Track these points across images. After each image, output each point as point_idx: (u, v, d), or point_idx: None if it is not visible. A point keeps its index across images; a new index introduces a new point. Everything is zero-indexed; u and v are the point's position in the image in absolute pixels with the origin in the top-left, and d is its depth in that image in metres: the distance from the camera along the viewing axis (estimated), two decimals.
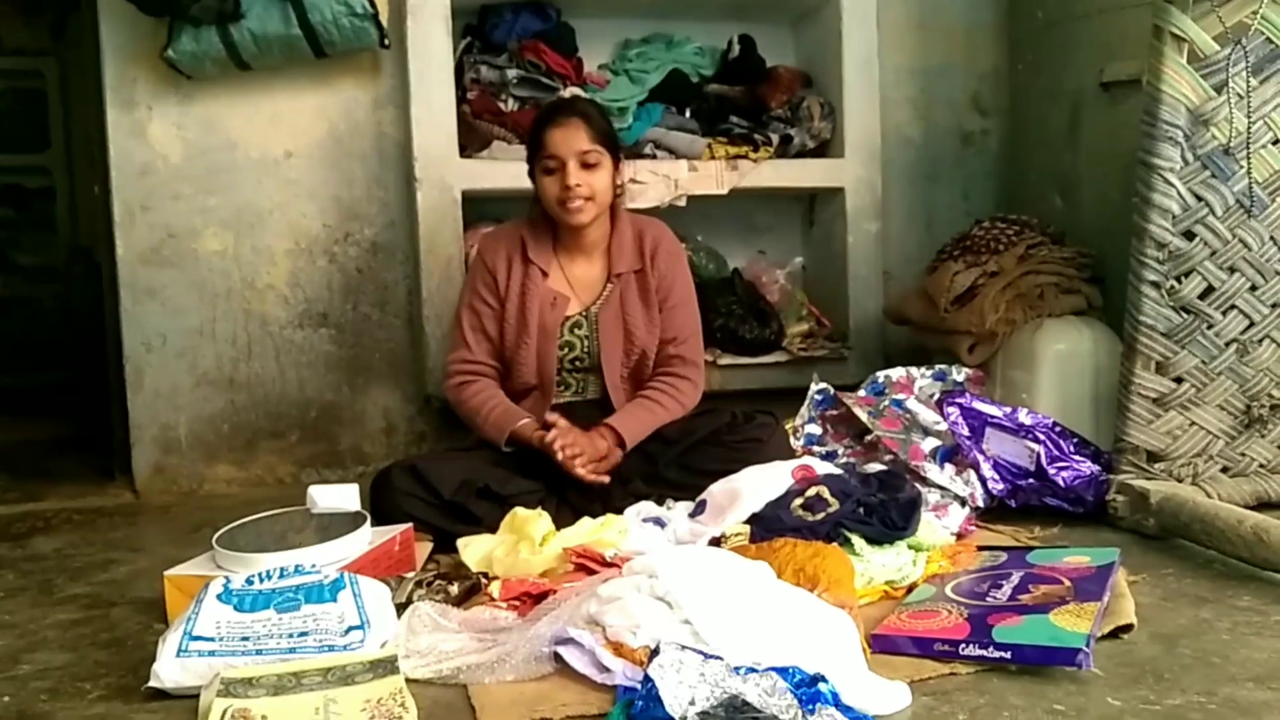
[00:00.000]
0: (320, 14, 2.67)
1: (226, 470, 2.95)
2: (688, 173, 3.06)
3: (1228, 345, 2.22)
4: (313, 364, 3.00)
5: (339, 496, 1.96)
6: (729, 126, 3.16)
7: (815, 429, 2.57)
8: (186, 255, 2.90)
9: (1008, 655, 1.42)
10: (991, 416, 2.34)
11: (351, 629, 1.46)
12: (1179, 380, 2.21)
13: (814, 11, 3.34)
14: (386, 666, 1.39)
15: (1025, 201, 3.19)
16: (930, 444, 2.33)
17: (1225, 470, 2.25)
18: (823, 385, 2.63)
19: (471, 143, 2.98)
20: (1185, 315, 2.19)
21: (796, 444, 2.50)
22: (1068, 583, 1.62)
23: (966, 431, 2.32)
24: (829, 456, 2.45)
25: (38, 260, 5.60)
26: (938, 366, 2.70)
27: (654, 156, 3.07)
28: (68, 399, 4.59)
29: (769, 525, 1.84)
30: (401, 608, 1.64)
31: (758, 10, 3.36)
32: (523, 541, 1.92)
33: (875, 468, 2.24)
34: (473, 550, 1.95)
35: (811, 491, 1.88)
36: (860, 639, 1.45)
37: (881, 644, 1.50)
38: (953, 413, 2.35)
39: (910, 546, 1.81)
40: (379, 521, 1.98)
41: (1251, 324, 2.22)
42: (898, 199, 3.39)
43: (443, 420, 3.00)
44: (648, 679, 1.20)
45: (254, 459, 2.97)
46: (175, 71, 2.76)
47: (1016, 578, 1.68)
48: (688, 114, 3.17)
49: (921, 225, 3.44)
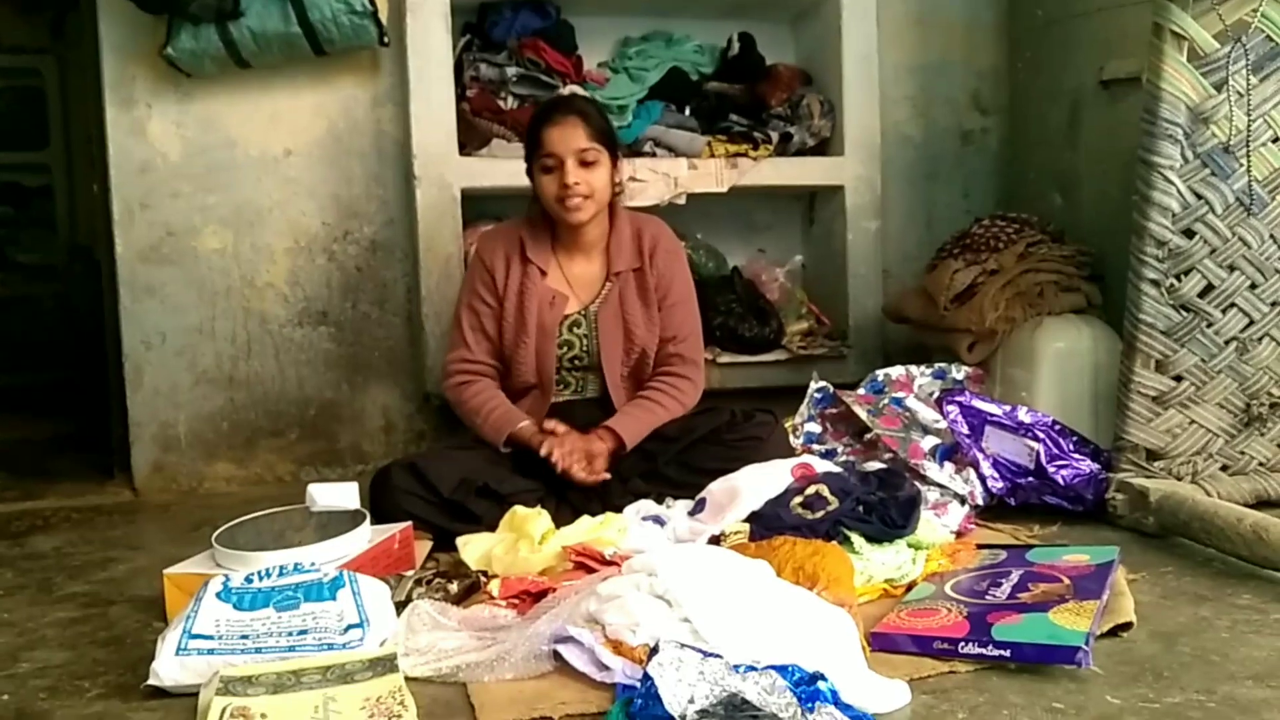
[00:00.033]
0: (319, 12, 2.66)
1: (226, 468, 2.95)
2: (687, 171, 3.06)
3: (1227, 343, 2.21)
4: (312, 362, 3.00)
5: (338, 495, 1.96)
6: (728, 124, 3.15)
7: (815, 427, 2.58)
8: (186, 253, 2.90)
9: (1007, 653, 1.42)
10: (991, 415, 2.34)
11: (351, 627, 1.47)
12: (1178, 378, 2.21)
13: (813, 9, 3.34)
14: (386, 665, 1.39)
15: (1025, 199, 3.18)
16: (930, 442, 2.33)
17: (1225, 468, 2.26)
18: (822, 383, 2.63)
19: (471, 140, 2.98)
20: (1185, 313, 2.19)
21: (796, 442, 2.50)
22: (1067, 581, 1.62)
23: (966, 430, 2.32)
24: (828, 455, 2.45)
25: (37, 258, 5.61)
26: (937, 365, 2.70)
27: (653, 154, 3.07)
28: (67, 397, 4.60)
29: (768, 523, 1.84)
30: (401, 606, 1.64)
31: (757, 8, 3.35)
32: (522, 540, 1.91)
33: (875, 466, 2.24)
34: (472, 549, 1.94)
35: (811, 490, 1.88)
36: (860, 637, 1.46)
37: (881, 642, 1.50)
38: (952, 411, 2.35)
39: (910, 545, 1.81)
40: (378, 520, 1.98)
41: (1251, 322, 2.22)
42: (897, 197, 3.38)
43: (442, 418, 3.00)
44: (647, 677, 1.20)
45: (253, 457, 2.97)
46: (174, 69, 2.76)
47: (1016, 576, 1.68)
48: (687, 112, 3.16)
49: (921, 223, 3.44)
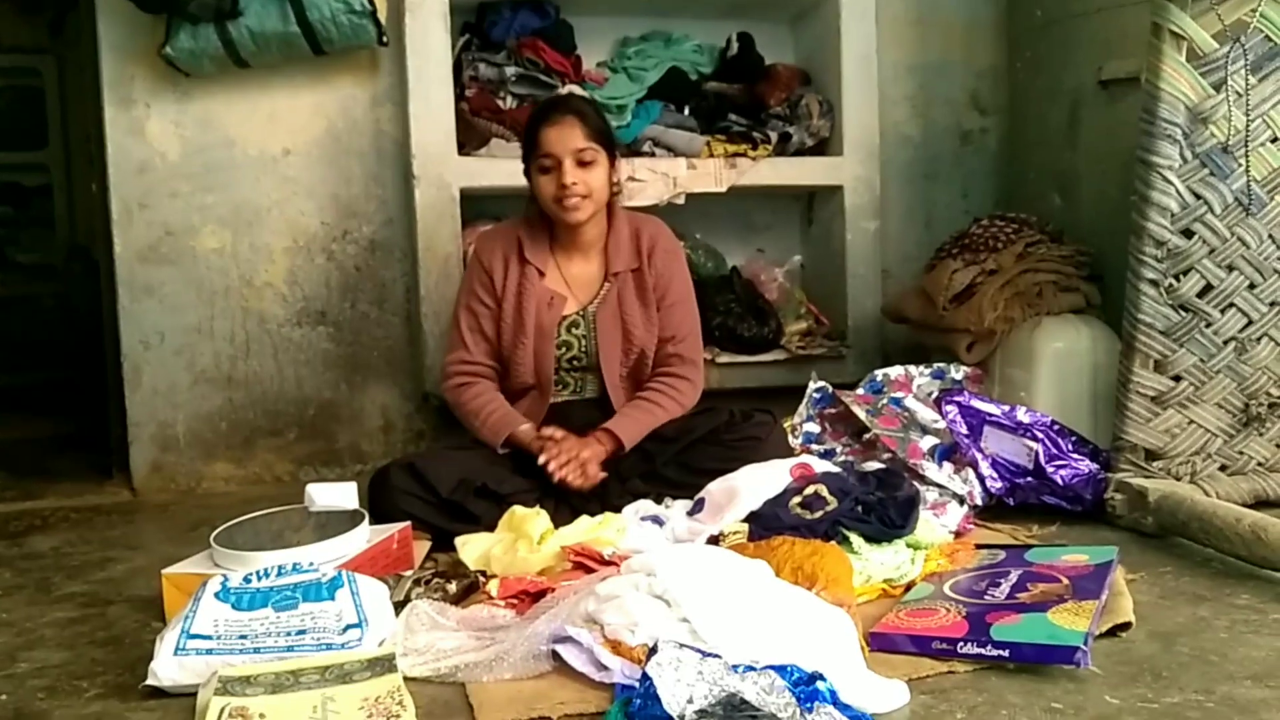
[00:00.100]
0: (318, 11, 2.66)
1: (224, 468, 2.95)
2: (686, 171, 3.05)
3: (1226, 343, 2.21)
4: (311, 362, 3.00)
5: (337, 495, 1.96)
6: (728, 124, 3.15)
7: (814, 427, 2.58)
8: (184, 253, 2.89)
9: (1006, 653, 1.42)
10: (990, 415, 2.34)
11: (349, 627, 1.46)
12: (1177, 378, 2.21)
13: (813, 9, 3.33)
14: (384, 665, 1.39)
15: (1024, 199, 3.18)
16: (929, 442, 2.33)
17: (1223, 468, 2.26)
18: (821, 383, 2.63)
19: (470, 140, 2.97)
20: (1184, 313, 2.19)
21: (795, 442, 2.50)
22: (1066, 581, 1.62)
23: (965, 430, 2.32)
24: (827, 455, 2.45)
25: (36, 258, 5.60)
26: (936, 365, 2.70)
27: (652, 154, 3.07)
28: (66, 397, 4.59)
29: (767, 523, 1.84)
30: (399, 606, 1.64)
31: (756, 8, 3.35)
32: (521, 540, 1.91)
33: (873, 466, 2.24)
34: (471, 548, 1.94)
35: (810, 490, 1.88)
36: (858, 637, 1.46)
37: (880, 642, 1.50)
38: (951, 411, 2.35)
39: (908, 545, 1.81)
40: (377, 520, 1.98)
41: (1250, 322, 2.22)
42: (896, 197, 3.38)
43: (441, 418, 3.00)
44: (646, 677, 1.20)
45: (252, 457, 2.97)
46: (173, 69, 2.76)
47: (1015, 576, 1.68)
48: (686, 112, 3.16)
49: (920, 223, 3.44)
